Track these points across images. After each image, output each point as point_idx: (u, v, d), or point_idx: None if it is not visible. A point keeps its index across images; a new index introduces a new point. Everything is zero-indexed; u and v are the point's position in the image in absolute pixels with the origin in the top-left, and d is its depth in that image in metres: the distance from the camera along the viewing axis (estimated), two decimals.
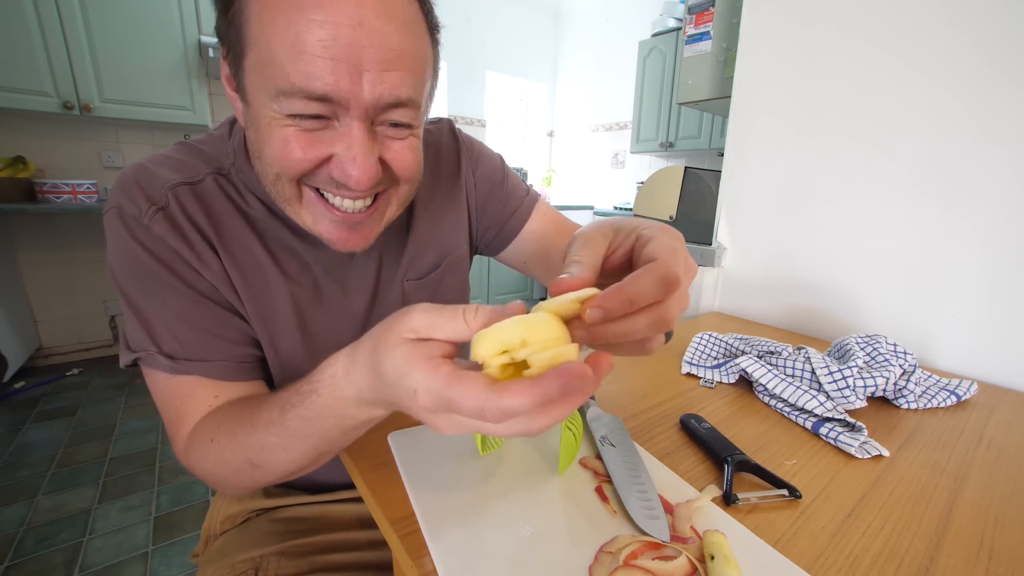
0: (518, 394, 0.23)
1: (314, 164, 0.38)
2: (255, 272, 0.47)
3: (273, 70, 0.34)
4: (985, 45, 0.72)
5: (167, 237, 0.42)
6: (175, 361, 0.42)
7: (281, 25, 0.33)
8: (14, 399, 2.10)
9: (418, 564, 0.33)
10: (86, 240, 2.49)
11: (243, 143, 0.47)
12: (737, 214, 1.08)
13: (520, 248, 0.66)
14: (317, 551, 0.53)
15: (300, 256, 0.50)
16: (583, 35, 3.95)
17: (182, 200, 0.43)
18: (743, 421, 0.56)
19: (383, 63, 0.34)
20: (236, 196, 0.47)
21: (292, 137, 0.37)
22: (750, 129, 1.04)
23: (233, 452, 0.39)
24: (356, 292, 0.53)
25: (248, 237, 0.47)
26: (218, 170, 0.47)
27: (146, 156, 0.46)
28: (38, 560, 1.25)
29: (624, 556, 0.32)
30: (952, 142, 0.76)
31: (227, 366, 0.44)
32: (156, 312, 0.42)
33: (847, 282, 0.91)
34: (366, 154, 0.37)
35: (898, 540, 0.38)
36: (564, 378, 0.23)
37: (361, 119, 0.36)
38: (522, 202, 0.65)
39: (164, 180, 0.44)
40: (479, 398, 0.23)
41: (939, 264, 0.79)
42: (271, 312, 0.48)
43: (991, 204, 0.73)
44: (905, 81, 0.80)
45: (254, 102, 0.38)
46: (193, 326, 0.43)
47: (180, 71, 2.37)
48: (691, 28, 1.30)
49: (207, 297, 0.44)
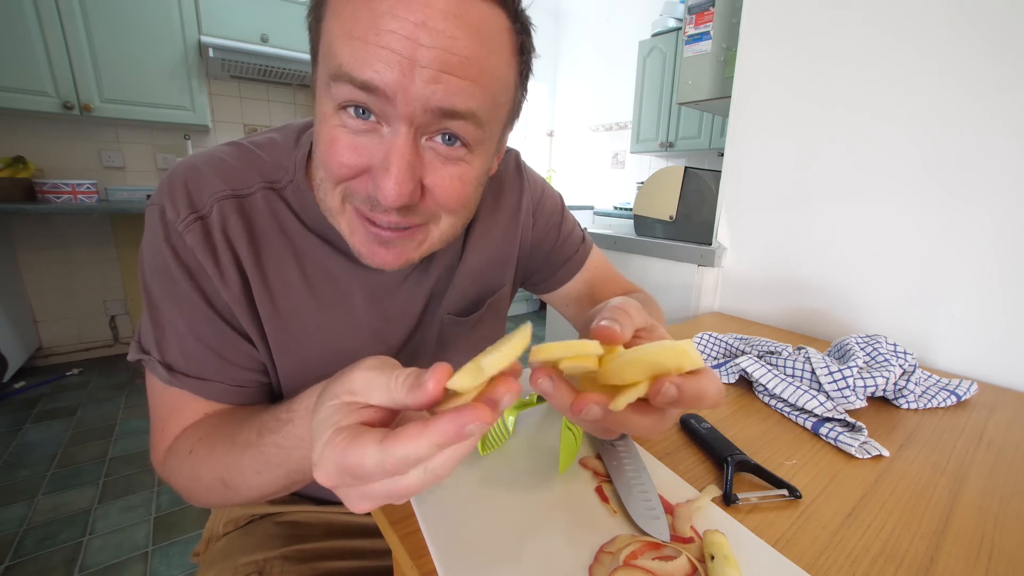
0: (412, 439, 0.21)
1: (354, 172, 0.36)
2: (287, 299, 0.45)
3: (328, 57, 0.33)
4: (986, 44, 0.72)
5: (196, 249, 0.41)
6: (172, 374, 0.42)
7: (347, 12, 0.32)
8: (14, 399, 2.10)
9: (418, 564, 0.33)
10: (86, 240, 2.48)
11: (306, 159, 0.46)
12: (737, 214, 1.08)
13: (565, 294, 0.65)
14: (321, 557, 0.53)
15: (340, 284, 0.48)
16: (583, 35, 3.95)
17: (225, 213, 0.42)
18: (743, 421, 0.56)
19: (442, 64, 0.32)
20: (284, 216, 0.45)
21: (339, 138, 0.35)
22: (750, 129, 1.04)
23: (208, 468, 0.38)
24: (397, 322, 0.51)
25: (287, 260, 0.45)
26: (271, 184, 0.45)
27: (201, 153, 0.44)
28: (38, 560, 1.25)
29: (624, 556, 0.32)
30: (952, 143, 0.76)
31: (223, 388, 0.44)
32: (169, 318, 0.42)
33: (847, 282, 0.91)
34: (404, 167, 0.34)
35: (898, 540, 0.38)
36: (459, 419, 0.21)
37: (407, 124, 0.33)
38: (576, 250, 0.64)
39: (213, 188, 0.42)
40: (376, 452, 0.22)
41: (939, 264, 0.79)
42: (297, 341, 0.46)
43: (991, 204, 0.73)
44: (905, 82, 0.80)
45: (317, 98, 0.37)
46: (200, 341, 0.42)
47: (180, 71, 2.37)
48: (691, 28, 1.30)
49: (221, 316, 0.43)
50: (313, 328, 0.47)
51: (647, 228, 1.37)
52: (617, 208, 3.46)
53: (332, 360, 0.48)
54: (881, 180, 0.84)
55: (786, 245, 1.00)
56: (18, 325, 2.24)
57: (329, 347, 0.48)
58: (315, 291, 0.46)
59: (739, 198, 1.07)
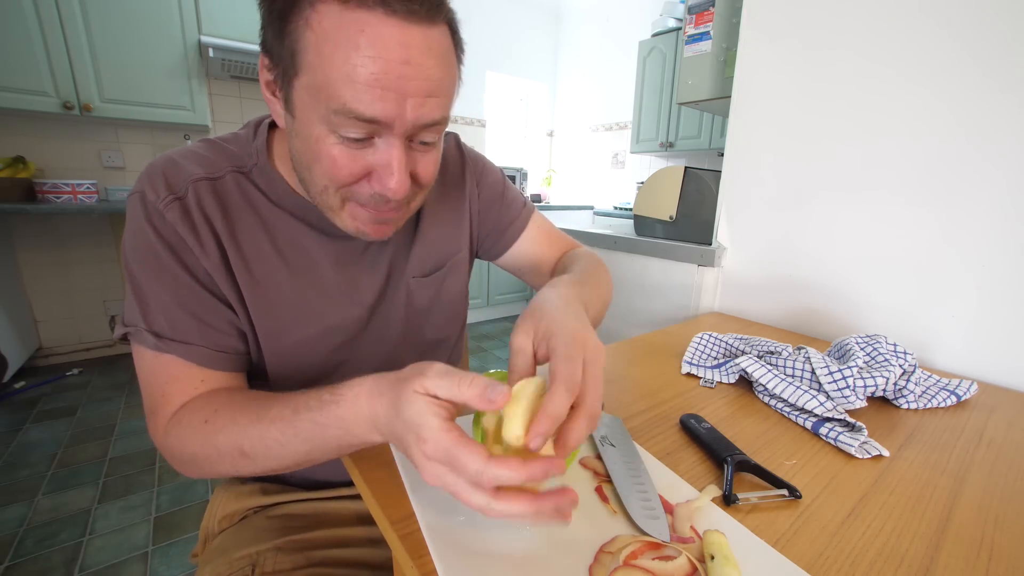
0: (511, 468, 0.29)
1: (356, 178, 0.43)
2: (261, 265, 0.50)
3: (327, 95, 0.39)
4: (987, 44, 0.72)
5: (177, 224, 0.45)
6: (160, 339, 0.45)
7: (339, 59, 0.37)
8: (14, 399, 2.10)
9: (418, 564, 0.33)
10: (86, 240, 2.49)
11: (266, 146, 0.52)
12: (737, 214, 1.08)
13: (516, 255, 0.72)
14: (314, 547, 0.54)
15: (309, 252, 0.53)
16: (583, 35, 3.95)
17: (200, 193, 0.47)
18: (743, 421, 0.56)
19: (424, 91, 0.40)
20: (252, 195, 0.51)
21: (339, 154, 0.41)
22: (750, 129, 1.04)
23: (228, 436, 0.41)
24: (366, 285, 0.57)
25: (258, 233, 0.50)
26: (239, 168, 0.51)
27: (175, 149, 0.50)
28: (38, 560, 1.25)
29: (624, 556, 0.32)
30: (953, 142, 0.76)
31: (207, 352, 0.47)
32: (154, 292, 0.45)
33: (847, 282, 0.91)
34: (403, 169, 0.42)
35: (898, 540, 0.38)
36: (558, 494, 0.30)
37: (401, 137, 0.42)
38: (519, 214, 0.71)
39: (188, 173, 0.48)
40: (480, 463, 0.29)
41: (939, 264, 0.79)
42: (275, 304, 0.51)
43: (992, 204, 0.73)
44: (904, 80, 0.80)
45: (302, 118, 0.42)
46: (184, 309, 0.46)
47: (180, 71, 2.37)
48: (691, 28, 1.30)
49: (202, 285, 0.47)
50: (288, 291, 0.52)
51: (647, 228, 1.37)
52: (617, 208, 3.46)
53: (307, 320, 0.53)
54: (882, 179, 0.84)
55: (786, 245, 1.00)
56: (18, 325, 2.24)
57: (303, 308, 0.53)
58: (286, 259, 0.52)
59: (739, 198, 1.08)
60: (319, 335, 0.54)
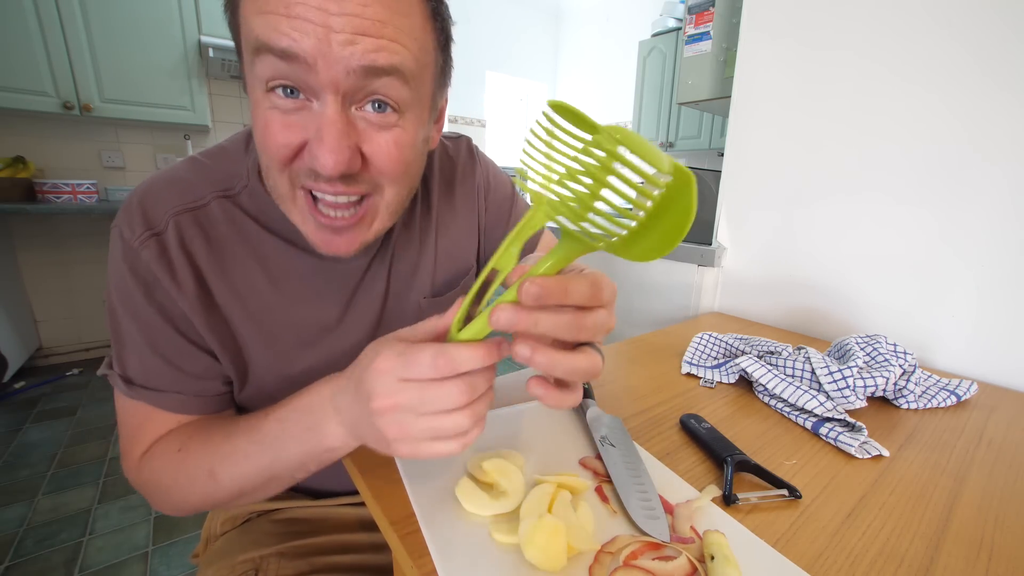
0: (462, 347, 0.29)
1: (292, 150, 0.37)
2: (256, 299, 0.47)
3: (246, 34, 0.35)
4: (987, 44, 0.72)
5: (152, 264, 0.42)
6: (131, 387, 0.44)
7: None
8: (14, 399, 2.10)
9: (418, 564, 0.33)
10: (86, 240, 2.48)
11: (258, 164, 0.46)
12: (737, 214, 1.08)
13: None
14: (317, 552, 0.53)
15: (305, 279, 0.49)
16: (583, 35, 3.95)
17: (182, 227, 0.43)
18: (743, 421, 0.56)
19: (355, 28, 0.33)
20: (241, 222, 0.46)
21: (272, 120, 0.36)
22: (750, 129, 1.04)
23: (199, 459, 0.41)
24: (370, 308, 0.53)
25: (249, 264, 0.46)
26: (225, 192, 0.46)
27: (158, 173, 0.46)
28: (38, 560, 1.25)
29: (624, 556, 0.32)
30: (953, 142, 0.76)
31: (180, 399, 0.45)
32: (129, 334, 0.44)
33: (847, 282, 0.91)
34: (336, 135, 0.35)
35: (898, 540, 0.38)
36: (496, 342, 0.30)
37: (334, 92, 0.34)
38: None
39: (168, 205, 0.44)
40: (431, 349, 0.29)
41: (939, 264, 0.79)
42: (276, 337, 0.49)
43: (992, 204, 0.73)
44: (904, 81, 0.80)
45: (248, 87, 0.38)
46: (157, 354, 0.44)
47: (180, 71, 2.37)
48: (691, 28, 1.31)
49: (177, 329, 0.44)
50: (287, 322, 0.49)
51: None
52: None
53: (311, 349, 0.50)
54: (882, 180, 0.84)
55: (786, 245, 1.00)
56: (18, 325, 2.24)
57: (305, 338, 0.50)
58: (282, 290, 0.48)
59: (739, 198, 1.07)
60: (326, 365, 0.51)
